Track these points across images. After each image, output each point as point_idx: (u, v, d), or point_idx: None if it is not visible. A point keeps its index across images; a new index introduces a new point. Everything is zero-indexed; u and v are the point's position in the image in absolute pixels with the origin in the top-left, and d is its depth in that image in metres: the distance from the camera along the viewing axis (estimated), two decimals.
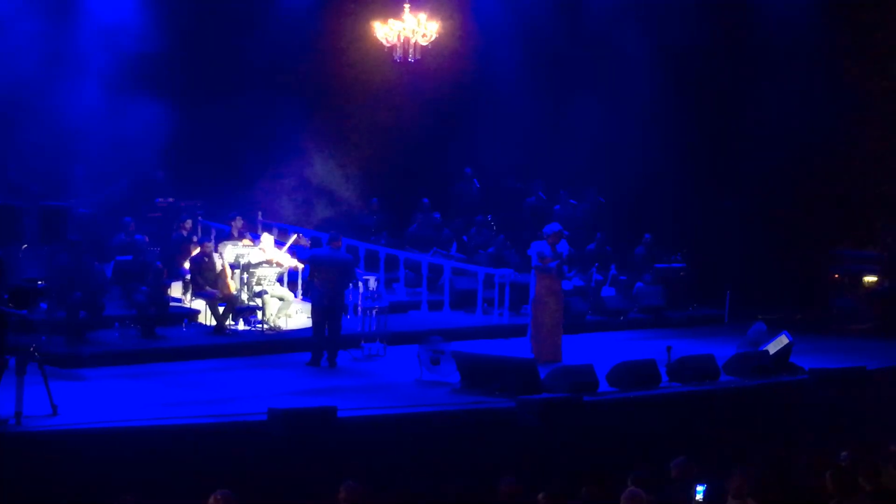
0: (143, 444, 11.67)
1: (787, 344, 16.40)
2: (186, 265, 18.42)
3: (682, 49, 23.28)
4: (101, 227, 20.26)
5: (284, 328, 17.98)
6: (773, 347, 16.47)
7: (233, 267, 18.16)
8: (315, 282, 16.63)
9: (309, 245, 19.38)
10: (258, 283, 18.06)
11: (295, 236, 19.30)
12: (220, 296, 17.73)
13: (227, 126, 22.21)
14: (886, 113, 21.99)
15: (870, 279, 21.55)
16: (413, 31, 21.07)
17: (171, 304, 17.97)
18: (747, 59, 22.77)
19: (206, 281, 17.88)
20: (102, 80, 20.25)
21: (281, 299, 18.15)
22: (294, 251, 18.88)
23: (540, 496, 9.65)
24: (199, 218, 21.66)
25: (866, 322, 20.89)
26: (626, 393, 14.67)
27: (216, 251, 18.45)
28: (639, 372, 15.11)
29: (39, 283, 14.11)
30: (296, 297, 18.90)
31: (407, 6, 21.17)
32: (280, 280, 18.72)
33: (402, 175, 24.37)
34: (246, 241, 19.21)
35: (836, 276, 21.99)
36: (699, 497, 9.91)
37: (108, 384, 14.27)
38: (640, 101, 23.16)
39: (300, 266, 18.61)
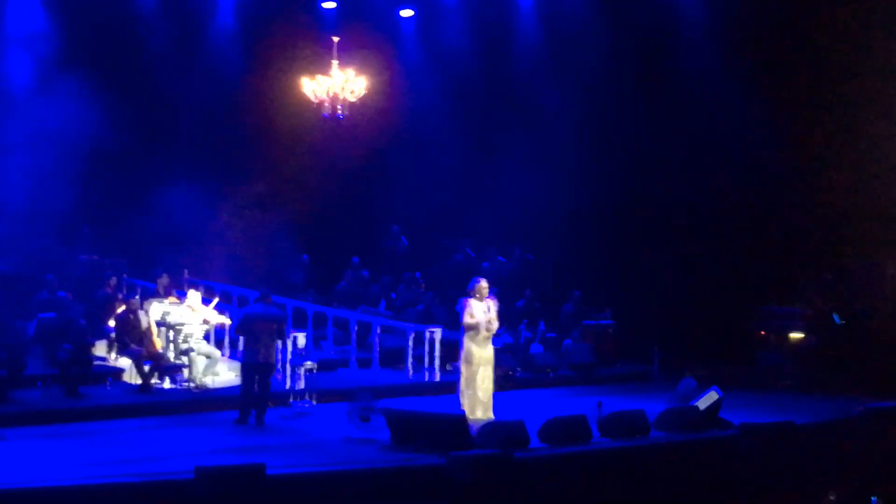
0: None
1: (717, 399, 16.42)
2: (111, 323, 18.22)
3: (605, 108, 23.54)
4: (23, 284, 19.95)
5: (211, 386, 17.73)
6: (703, 403, 16.47)
7: (159, 325, 17.92)
8: (246, 339, 16.35)
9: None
10: (185, 341, 17.81)
11: (216, 300, 19.17)
12: (146, 354, 17.48)
13: (154, 182, 22.02)
14: (810, 171, 22.31)
15: (795, 335, 21.72)
16: (342, 87, 21.10)
17: (96, 362, 17.72)
18: (672, 114, 23.03)
19: (131, 339, 17.64)
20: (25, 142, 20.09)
21: (208, 357, 17.93)
22: (222, 309, 18.72)
23: None
24: (125, 275, 21.42)
25: (792, 378, 21.04)
26: (557, 449, 14.58)
27: (142, 309, 18.24)
28: (570, 427, 15.02)
29: None
30: (223, 354, 18.69)
31: (335, 62, 21.21)
32: (206, 338, 18.50)
33: (330, 231, 24.29)
34: (172, 299, 19.01)
35: (763, 332, 22.15)
36: None
37: (29, 444, 13.96)
38: (566, 159, 23.35)
39: (227, 322, 18.46)
